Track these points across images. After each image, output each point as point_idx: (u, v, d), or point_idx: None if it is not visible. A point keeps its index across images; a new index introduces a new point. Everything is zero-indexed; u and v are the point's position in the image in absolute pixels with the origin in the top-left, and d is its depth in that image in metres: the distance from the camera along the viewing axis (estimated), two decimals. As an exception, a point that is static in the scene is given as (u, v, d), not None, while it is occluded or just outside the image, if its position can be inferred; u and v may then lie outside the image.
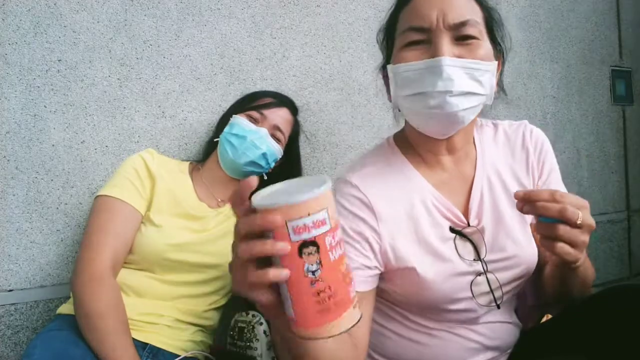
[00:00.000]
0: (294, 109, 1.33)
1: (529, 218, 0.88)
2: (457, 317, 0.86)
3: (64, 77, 1.25)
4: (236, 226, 0.52)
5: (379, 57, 0.92)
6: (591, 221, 0.68)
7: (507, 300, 0.89)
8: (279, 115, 1.25)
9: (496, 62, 0.81)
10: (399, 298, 0.87)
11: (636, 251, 2.43)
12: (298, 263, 0.50)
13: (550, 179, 0.91)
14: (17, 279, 1.20)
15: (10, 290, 1.19)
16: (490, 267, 0.84)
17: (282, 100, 1.29)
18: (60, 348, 0.93)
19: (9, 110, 1.19)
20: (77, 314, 0.97)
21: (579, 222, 0.66)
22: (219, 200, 1.23)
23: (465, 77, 0.75)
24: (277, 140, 1.24)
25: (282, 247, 0.49)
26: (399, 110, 0.86)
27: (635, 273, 2.42)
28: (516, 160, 0.90)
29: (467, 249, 0.84)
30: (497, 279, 0.85)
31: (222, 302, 1.21)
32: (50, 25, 1.24)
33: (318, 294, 0.51)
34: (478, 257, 0.84)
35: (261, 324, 1.15)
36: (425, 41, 0.77)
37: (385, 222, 0.82)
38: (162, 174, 1.15)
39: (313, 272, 0.51)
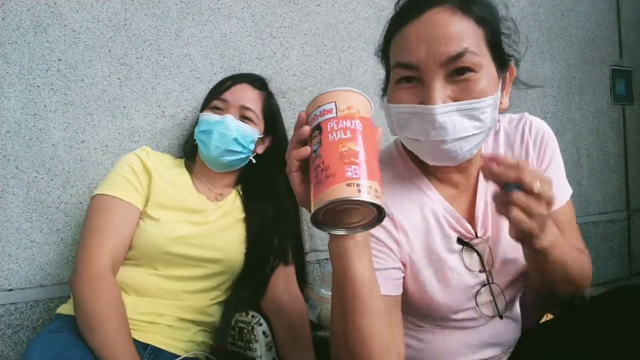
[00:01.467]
0: (257, 83, 1.26)
1: None
2: (460, 324, 0.86)
3: (63, 76, 1.25)
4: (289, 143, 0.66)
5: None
6: (550, 194, 0.65)
7: (509, 304, 0.89)
8: (241, 94, 1.21)
9: (499, 93, 0.75)
10: (403, 303, 0.87)
11: (636, 251, 2.43)
12: (310, 146, 0.61)
13: (550, 168, 0.89)
14: (17, 278, 1.20)
15: (11, 290, 1.19)
16: (494, 276, 0.85)
17: (239, 78, 1.25)
18: (59, 349, 0.92)
19: (9, 110, 1.19)
20: (77, 314, 0.97)
21: (536, 190, 0.63)
22: (217, 193, 1.22)
23: (461, 120, 0.71)
24: (248, 119, 1.20)
25: (301, 130, 0.63)
26: None
27: (635, 272, 2.42)
28: (516, 158, 0.87)
29: (473, 259, 0.84)
30: (499, 287, 0.85)
31: (224, 297, 1.21)
32: (50, 24, 1.24)
33: (316, 169, 0.59)
34: (483, 267, 0.84)
35: (260, 324, 1.15)
36: (417, 78, 0.72)
37: (404, 232, 0.82)
38: (158, 169, 1.15)
39: (315, 151, 0.60)
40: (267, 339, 1.14)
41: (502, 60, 0.77)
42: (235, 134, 1.17)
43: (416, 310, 0.87)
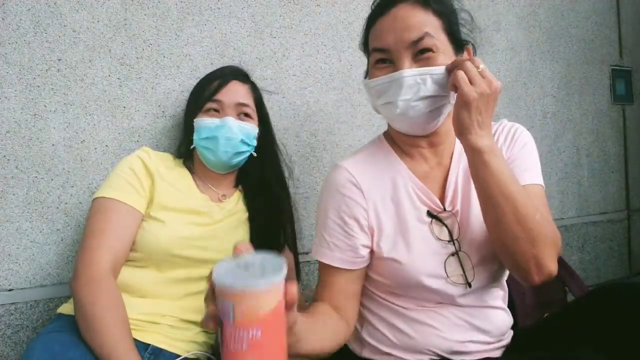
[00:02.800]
0: (243, 76, 1.26)
1: None
2: (435, 297, 0.93)
3: (63, 76, 1.25)
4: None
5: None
6: (492, 78, 0.82)
7: (483, 282, 0.94)
8: (235, 92, 1.19)
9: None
10: (383, 282, 0.96)
11: (636, 250, 2.43)
12: (217, 327, 0.56)
13: (520, 153, 0.96)
14: (17, 278, 1.20)
15: (11, 290, 1.19)
16: (463, 247, 0.93)
17: (227, 75, 1.22)
18: (59, 349, 0.92)
19: (9, 110, 1.19)
20: (77, 316, 0.97)
21: (480, 67, 0.83)
22: (221, 194, 1.22)
23: (423, 84, 0.87)
24: (247, 115, 1.19)
25: (209, 310, 0.57)
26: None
27: (635, 272, 2.42)
28: None
29: (443, 232, 0.94)
30: (470, 259, 0.93)
31: None
32: (50, 24, 1.24)
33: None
34: (452, 239, 0.93)
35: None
36: (390, 60, 0.90)
37: (372, 200, 0.95)
38: (160, 171, 1.14)
39: (220, 341, 0.56)
40: (267, 339, 1.14)
41: (458, 44, 0.93)
42: (241, 135, 1.16)
43: (393, 283, 0.94)
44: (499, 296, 1.01)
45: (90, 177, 1.27)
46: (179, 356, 1.04)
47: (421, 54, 0.88)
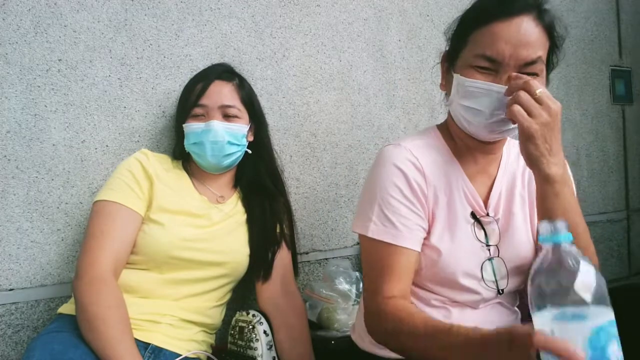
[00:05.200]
0: (227, 74, 1.23)
1: (535, 220, 0.99)
2: (462, 297, 0.94)
3: (64, 76, 1.25)
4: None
5: (378, 57, 0.93)
6: (550, 103, 0.82)
7: (512, 289, 0.97)
8: (218, 94, 1.17)
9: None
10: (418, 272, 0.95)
11: (635, 250, 2.43)
12: None
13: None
14: (18, 278, 1.20)
15: (11, 290, 1.20)
16: (501, 254, 0.95)
17: (210, 76, 1.20)
18: (60, 349, 0.93)
19: (10, 110, 1.19)
20: (79, 317, 0.98)
21: (537, 94, 0.80)
22: (219, 195, 1.23)
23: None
24: (234, 116, 1.18)
25: None
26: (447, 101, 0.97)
27: (634, 272, 2.42)
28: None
29: (481, 236, 0.95)
30: (505, 267, 0.94)
31: (226, 298, 1.22)
32: (51, 24, 1.24)
33: None
34: (489, 244, 0.94)
35: (261, 323, 1.15)
36: (494, 69, 0.86)
37: (432, 186, 0.93)
38: (158, 174, 1.15)
39: None
40: (267, 338, 1.15)
41: (548, 69, 0.92)
42: (227, 137, 1.16)
43: (427, 274, 0.94)
44: (517, 301, 1.03)
45: (90, 177, 1.28)
46: (179, 355, 1.05)
47: (525, 73, 0.85)
